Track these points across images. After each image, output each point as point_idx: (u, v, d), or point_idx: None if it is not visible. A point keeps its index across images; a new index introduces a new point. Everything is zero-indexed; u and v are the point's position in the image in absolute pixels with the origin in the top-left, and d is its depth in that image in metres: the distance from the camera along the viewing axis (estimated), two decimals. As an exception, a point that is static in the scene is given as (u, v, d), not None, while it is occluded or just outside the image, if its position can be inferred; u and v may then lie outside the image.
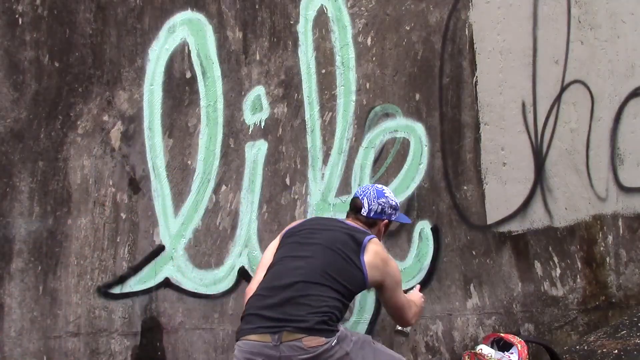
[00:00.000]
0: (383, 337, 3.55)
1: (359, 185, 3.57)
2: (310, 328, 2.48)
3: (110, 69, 3.33)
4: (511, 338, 3.25)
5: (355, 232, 2.80)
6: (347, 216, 2.99)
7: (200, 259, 3.35)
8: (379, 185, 3.03)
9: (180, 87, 3.39)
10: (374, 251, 2.75)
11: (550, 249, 3.87)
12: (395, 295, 2.83)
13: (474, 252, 3.73)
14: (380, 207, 2.92)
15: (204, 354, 3.33)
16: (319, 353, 2.48)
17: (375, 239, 2.82)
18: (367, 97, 3.63)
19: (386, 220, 2.97)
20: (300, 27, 3.53)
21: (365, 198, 2.93)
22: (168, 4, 3.40)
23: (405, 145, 3.66)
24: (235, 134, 3.42)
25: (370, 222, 2.93)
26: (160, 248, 3.31)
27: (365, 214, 2.91)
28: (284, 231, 2.94)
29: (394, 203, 2.97)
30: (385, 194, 2.95)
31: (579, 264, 3.93)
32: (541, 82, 3.94)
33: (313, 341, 2.47)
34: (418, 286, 3.31)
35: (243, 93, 3.45)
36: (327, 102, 3.57)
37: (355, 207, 2.95)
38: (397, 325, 3.32)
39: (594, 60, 4.09)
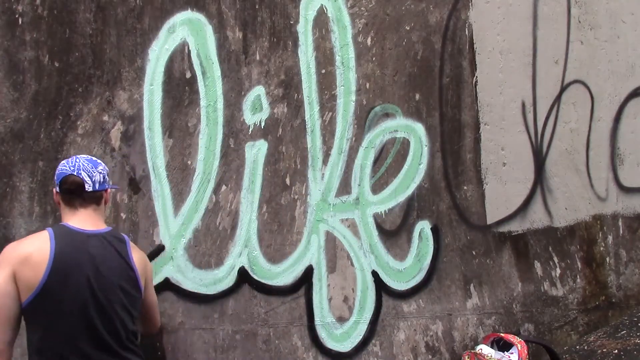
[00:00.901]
0: (383, 336, 3.56)
1: (359, 185, 3.58)
2: None
3: (110, 69, 3.33)
4: (511, 338, 3.25)
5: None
6: (71, 205, 2.48)
7: (200, 259, 3.35)
8: (83, 155, 2.65)
9: (180, 87, 3.39)
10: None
11: (550, 249, 3.87)
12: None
13: (474, 252, 3.73)
14: (101, 175, 2.52)
15: (204, 354, 3.33)
16: None
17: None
18: (367, 97, 3.63)
19: (109, 189, 2.61)
20: (300, 27, 3.53)
21: (82, 172, 2.47)
22: (168, 4, 3.40)
23: (405, 145, 3.66)
24: (235, 134, 3.43)
25: (98, 195, 2.52)
26: (160, 248, 3.31)
27: (90, 188, 2.46)
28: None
29: (107, 168, 2.63)
30: (98, 161, 2.57)
31: (579, 264, 3.93)
32: (541, 82, 3.94)
33: None
34: None
35: (243, 93, 3.45)
36: (327, 102, 3.57)
37: (76, 187, 2.45)
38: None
39: (594, 60, 4.09)
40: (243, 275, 3.37)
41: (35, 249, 2.28)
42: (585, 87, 4.06)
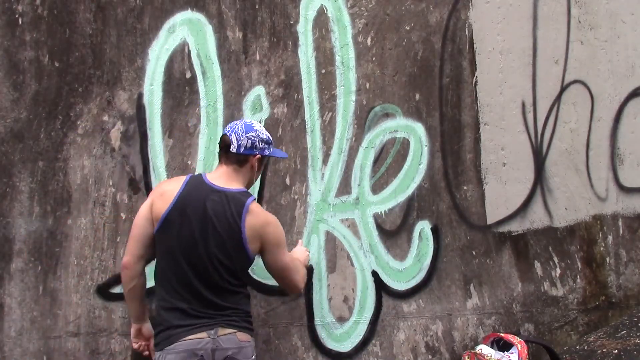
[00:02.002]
0: (383, 336, 3.56)
1: (359, 185, 3.58)
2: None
3: (110, 69, 3.33)
4: (511, 338, 3.25)
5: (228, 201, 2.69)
6: (219, 160, 2.81)
7: (200, 259, 3.34)
8: (248, 120, 2.86)
9: (180, 87, 3.39)
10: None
11: (550, 249, 3.87)
12: (279, 257, 2.81)
13: (474, 252, 3.73)
14: (249, 141, 2.74)
15: (204, 354, 3.33)
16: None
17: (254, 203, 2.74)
18: (367, 97, 3.63)
19: (258, 155, 2.78)
20: (300, 27, 3.54)
21: (233, 134, 2.75)
22: (168, 4, 3.40)
23: (405, 145, 3.66)
24: (235, 134, 3.42)
25: (241, 159, 2.75)
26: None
27: (235, 150, 2.73)
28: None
29: (264, 136, 2.80)
30: (255, 127, 2.77)
31: (579, 264, 3.93)
32: (541, 82, 3.94)
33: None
34: (300, 241, 3.34)
35: (243, 93, 3.46)
36: (327, 102, 3.57)
37: (224, 145, 2.76)
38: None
39: (594, 60, 4.09)
40: (243, 275, 3.37)
41: (170, 188, 2.70)
42: (585, 87, 4.06)
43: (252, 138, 2.75)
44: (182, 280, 2.62)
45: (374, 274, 3.56)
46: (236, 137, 2.74)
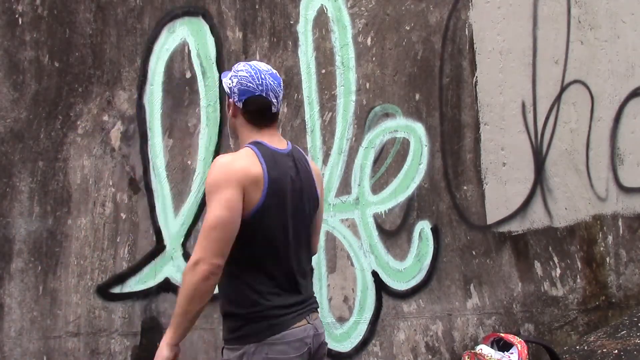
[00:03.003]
0: (383, 336, 3.55)
1: (359, 185, 3.57)
2: None
3: (110, 69, 3.33)
4: (511, 338, 3.24)
5: None
6: (259, 124, 2.31)
7: (200, 259, 3.34)
8: (264, 66, 2.33)
9: (180, 87, 3.39)
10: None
11: (550, 249, 3.87)
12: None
13: (474, 252, 3.73)
14: (281, 93, 2.32)
15: (204, 354, 3.33)
16: None
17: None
18: (367, 97, 3.63)
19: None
20: (300, 27, 3.53)
21: (271, 93, 2.28)
22: (168, 4, 3.40)
23: (405, 145, 3.66)
24: (235, 134, 3.42)
25: (277, 114, 2.35)
26: (161, 248, 3.31)
27: (275, 110, 2.30)
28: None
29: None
30: (278, 75, 2.34)
31: (579, 264, 3.93)
32: (541, 82, 3.94)
33: None
34: None
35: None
36: (327, 102, 3.57)
37: (266, 109, 2.28)
38: None
39: (594, 60, 4.09)
40: (243, 275, 3.36)
41: (257, 170, 2.21)
42: (585, 87, 4.06)
43: (282, 89, 2.33)
44: (290, 265, 2.28)
45: (374, 274, 3.56)
46: (275, 96, 2.30)
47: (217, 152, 3.39)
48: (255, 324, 2.21)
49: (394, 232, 3.60)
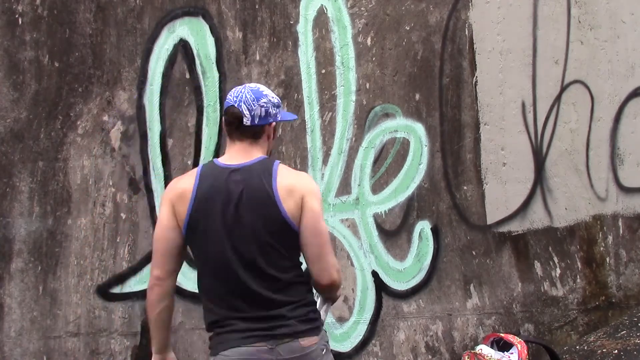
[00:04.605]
0: (383, 336, 3.55)
1: (359, 185, 3.57)
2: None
3: (110, 69, 3.33)
4: (511, 338, 3.24)
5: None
6: (230, 137, 2.37)
7: (200, 259, 3.34)
8: (252, 84, 2.44)
9: (180, 87, 3.39)
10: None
11: (550, 249, 3.87)
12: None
13: (474, 252, 3.73)
14: (263, 109, 2.35)
15: (204, 354, 3.33)
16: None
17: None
18: (367, 97, 3.63)
19: (274, 123, 2.42)
20: (300, 27, 3.53)
21: (242, 104, 2.33)
22: (168, 4, 3.40)
23: (405, 145, 3.66)
24: (235, 134, 3.42)
25: (257, 130, 2.36)
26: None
27: (249, 123, 2.33)
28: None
29: (276, 100, 2.42)
30: (264, 92, 2.38)
31: (579, 264, 3.93)
32: (541, 82, 3.94)
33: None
34: None
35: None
36: (327, 102, 3.57)
37: (235, 119, 2.33)
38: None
39: (594, 60, 4.08)
40: (243, 275, 3.36)
41: (185, 185, 2.32)
42: (585, 87, 4.06)
43: (265, 105, 2.36)
44: (229, 282, 2.28)
45: (374, 274, 3.56)
46: (247, 108, 2.34)
47: (217, 152, 3.39)
48: (216, 337, 2.31)
49: (394, 232, 3.60)
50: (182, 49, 3.39)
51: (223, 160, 2.37)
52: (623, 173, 4.11)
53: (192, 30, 3.41)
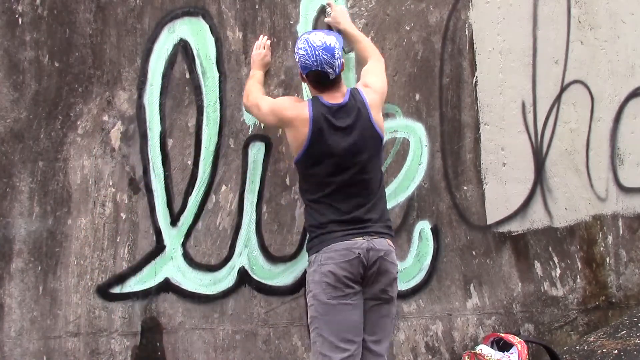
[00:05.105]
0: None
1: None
2: None
3: (110, 69, 3.33)
4: (511, 338, 3.25)
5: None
6: (316, 87, 2.97)
7: (200, 259, 3.35)
8: (317, 41, 2.91)
9: (180, 87, 3.39)
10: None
11: (550, 249, 3.87)
12: None
13: (474, 252, 3.73)
14: (339, 59, 2.93)
15: (204, 354, 3.33)
16: None
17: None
18: (367, 97, 3.62)
19: (343, 61, 3.06)
20: (300, 27, 3.53)
21: (325, 66, 2.88)
22: (168, 4, 3.40)
23: (405, 145, 3.66)
24: (235, 134, 3.43)
25: (339, 75, 2.98)
26: (161, 248, 3.31)
27: (333, 76, 2.93)
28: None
29: (339, 45, 2.95)
30: (332, 45, 2.92)
31: (579, 264, 3.93)
32: (541, 82, 3.94)
33: None
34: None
35: (243, 93, 3.45)
36: (327, 102, 3.56)
37: (322, 78, 2.92)
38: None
39: (594, 60, 4.08)
40: (243, 275, 3.37)
41: (298, 114, 2.90)
42: (585, 87, 4.05)
43: (339, 55, 2.88)
44: (336, 190, 2.86)
45: (374, 274, 3.56)
46: (330, 67, 2.86)
47: (217, 152, 3.39)
48: (316, 237, 2.88)
49: (394, 232, 3.59)
50: (182, 49, 3.39)
51: (326, 99, 2.91)
52: (623, 173, 4.11)
53: (192, 30, 3.41)
